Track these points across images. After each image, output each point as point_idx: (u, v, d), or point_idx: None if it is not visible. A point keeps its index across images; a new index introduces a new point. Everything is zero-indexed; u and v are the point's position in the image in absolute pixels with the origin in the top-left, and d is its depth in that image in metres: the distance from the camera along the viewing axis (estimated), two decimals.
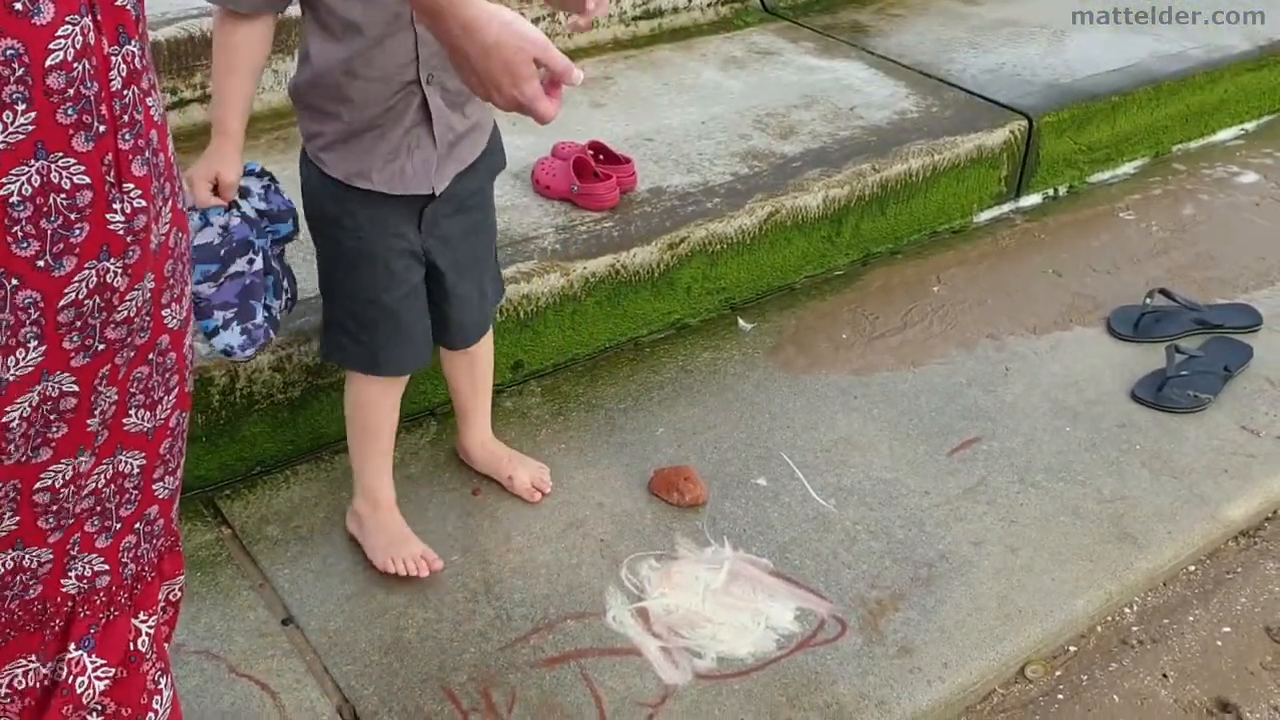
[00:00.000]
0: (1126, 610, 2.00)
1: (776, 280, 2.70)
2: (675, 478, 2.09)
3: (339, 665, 1.75)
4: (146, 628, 1.18)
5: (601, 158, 2.60)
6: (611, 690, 1.73)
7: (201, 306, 1.70)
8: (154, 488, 1.14)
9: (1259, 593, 2.05)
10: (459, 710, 1.69)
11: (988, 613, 1.89)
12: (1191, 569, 2.09)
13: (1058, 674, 1.88)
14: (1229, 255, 2.93)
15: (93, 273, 0.96)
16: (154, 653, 1.20)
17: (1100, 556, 2.01)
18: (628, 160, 2.61)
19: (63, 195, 0.92)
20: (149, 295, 1.03)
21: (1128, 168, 3.35)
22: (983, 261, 2.87)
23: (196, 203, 1.66)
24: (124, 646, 1.16)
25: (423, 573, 1.86)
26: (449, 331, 1.90)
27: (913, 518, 2.07)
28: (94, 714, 1.15)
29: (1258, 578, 2.08)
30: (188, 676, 1.71)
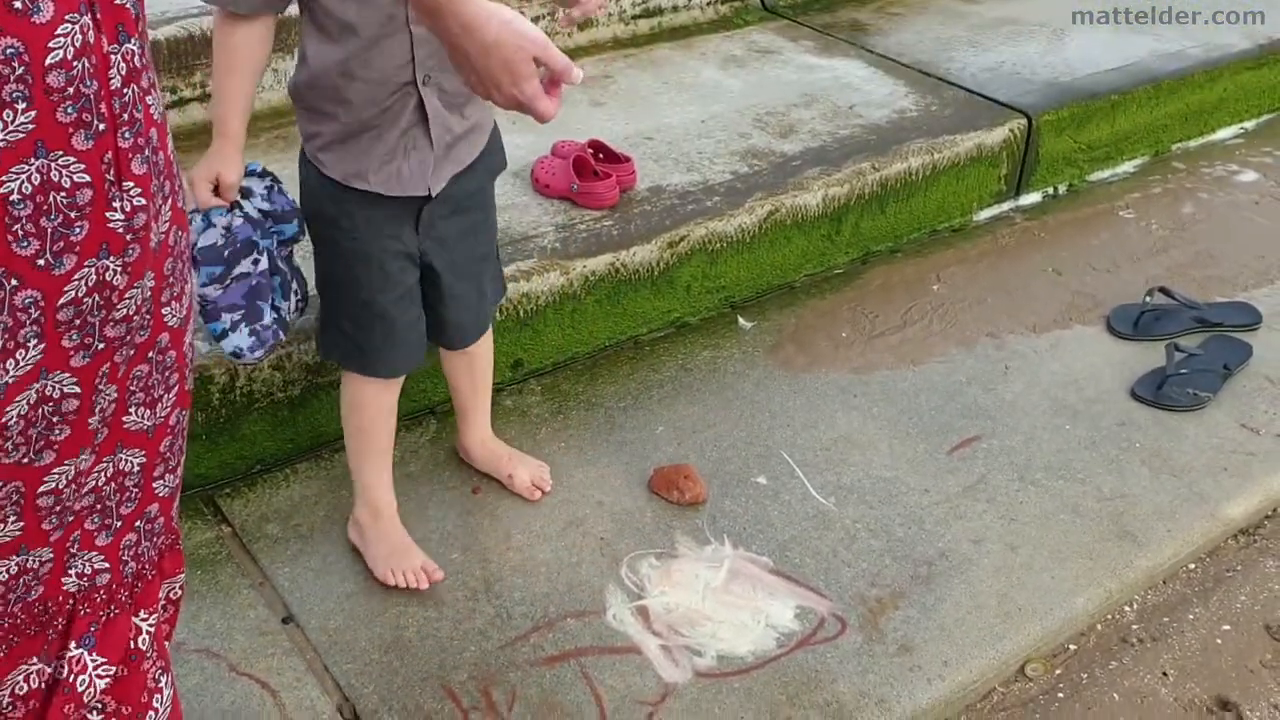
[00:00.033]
0: (1126, 608, 2.00)
1: (776, 279, 2.70)
2: (675, 476, 2.09)
3: (339, 664, 1.76)
4: (147, 626, 1.18)
5: (601, 156, 2.61)
6: (611, 688, 1.73)
7: (208, 310, 1.69)
8: (154, 486, 1.14)
9: (1259, 591, 2.05)
10: (459, 709, 1.69)
11: (988, 611, 1.89)
12: (1191, 567, 2.09)
13: (1058, 672, 1.88)
14: (1228, 253, 2.93)
15: (92, 271, 0.96)
16: (154, 651, 1.20)
17: (1100, 554, 2.01)
18: (627, 159, 2.61)
19: (63, 193, 0.92)
20: (149, 293, 1.03)
21: (1127, 166, 3.35)
22: (982, 260, 2.87)
23: (198, 204, 1.65)
24: (124, 645, 1.16)
25: (422, 585, 1.86)
26: (447, 332, 1.90)
27: (913, 516, 2.07)
28: (94, 712, 1.15)
29: (1257, 576, 2.08)
30: (188, 675, 1.71)
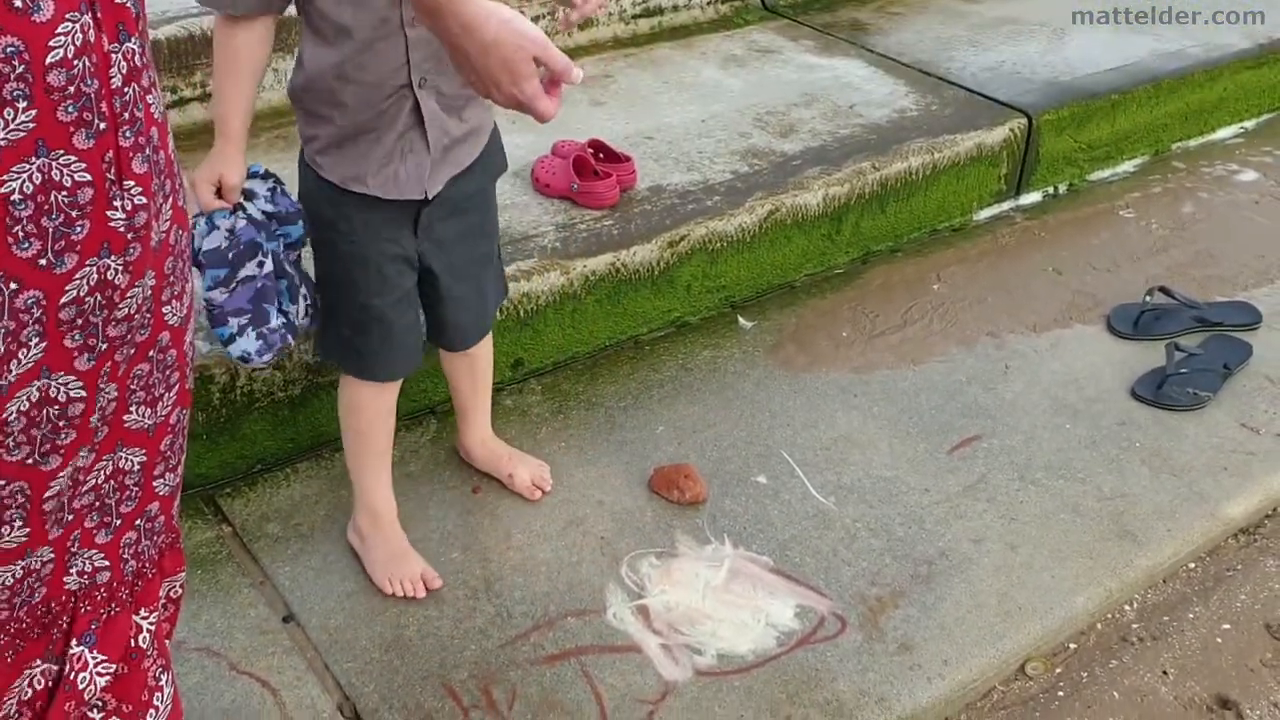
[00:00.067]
0: (1126, 607, 2.00)
1: (777, 278, 2.70)
2: (675, 475, 2.09)
3: (339, 662, 1.76)
4: (147, 624, 1.18)
5: (601, 156, 2.61)
6: (612, 687, 1.73)
7: (215, 314, 1.67)
8: (155, 484, 1.15)
9: (1259, 590, 2.05)
10: (459, 707, 1.70)
11: (988, 610, 1.89)
12: (1191, 566, 2.09)
13: (1058, 671, 1.88)
14: (1228, 253, 2.93)
15: (93, 270, 0.96)
16: (155, 649, 1.20)
17: (1100, 554, 2.01)
18: (628, 158, 2.61)
19: (64, 193, 0.92)
20: (149, 292, 1.03)
21: (1127, 166, 3.35)
22: (983, 259, 2.87)
23: (201, 206, 1.64)
24: (125, 643, 1.16)
25: (420, 593, 1.86)
26: (447, 333, 1.90)
27: (913, 515, 2.07)
28: (95, 710, 1.15)
29: (1257, 575, 2.08)
30: (188, 673, 1.71)
